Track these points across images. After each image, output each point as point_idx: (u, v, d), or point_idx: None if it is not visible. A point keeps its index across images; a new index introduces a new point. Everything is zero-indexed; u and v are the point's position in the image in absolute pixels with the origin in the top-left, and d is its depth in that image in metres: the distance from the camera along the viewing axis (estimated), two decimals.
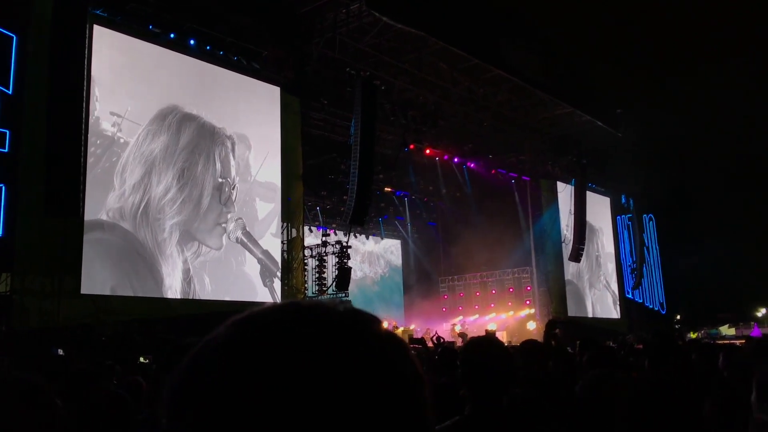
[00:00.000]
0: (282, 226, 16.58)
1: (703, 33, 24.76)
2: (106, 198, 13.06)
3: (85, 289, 12.36)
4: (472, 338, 2.83)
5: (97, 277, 12.67)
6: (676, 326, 28.43)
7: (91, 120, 12.77)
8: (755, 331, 23.27)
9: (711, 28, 24.11)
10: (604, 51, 23.89)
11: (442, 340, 13.73)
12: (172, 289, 13.96)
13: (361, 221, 16.99)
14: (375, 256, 26.49)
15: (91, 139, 12.79)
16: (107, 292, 12.78)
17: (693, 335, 23.56)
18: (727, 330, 26.47)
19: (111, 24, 13.54)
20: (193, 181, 14.62)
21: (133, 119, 13.81)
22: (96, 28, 12.91)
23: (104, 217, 12.96)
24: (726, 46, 25.36)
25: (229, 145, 15.55)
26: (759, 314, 29.14)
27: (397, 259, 27.55)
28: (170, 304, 13.67)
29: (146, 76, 14.22)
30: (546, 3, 22.00)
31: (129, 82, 13.89)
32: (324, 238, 19.11)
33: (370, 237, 25.74)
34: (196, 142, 14.84)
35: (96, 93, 12.88)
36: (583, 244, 23.83)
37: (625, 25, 24.77)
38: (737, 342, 11.47)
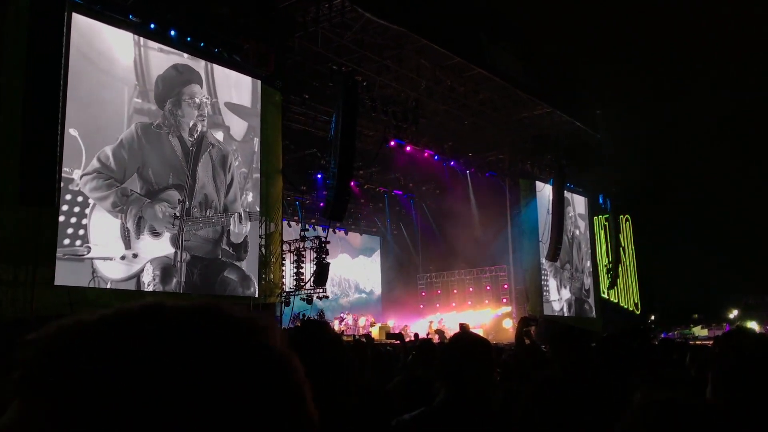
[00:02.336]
0: (260, 221, 16.51)
1: (682, 35, 25.06)
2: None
3: (59, 280, 12.23)
4: (457, 333, 2.86)
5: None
6: (651, 326, 28.77)
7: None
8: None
9: (691, 29, 24.40)
10: (585, 52, 24.09)
11: (419, 337, 13.78)
12: (147, 282, 13.84)
13: (340, 217, 16.98)
14: (346, 281, 26.27)
15: None
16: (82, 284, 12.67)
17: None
18: (699, 331, 26.86)
19: (90, 13, 13.38)
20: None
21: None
22: (74, 16, 12.76)
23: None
24: (705, 48, 25.67)
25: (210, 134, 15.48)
26: (731, 315, 29.61)
27: (367, 283, 27.38)
28: (145, 296, 13.50)
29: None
30: (528, 3, 22.13)
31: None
32: (302, 233, 19.08)
33: (343, 255, 25.72)
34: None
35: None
36: (561, 244, 24.02)
37: (606, 27, 25.00)
38: (708, 343, 11.65)
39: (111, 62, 13.80)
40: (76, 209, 12.76)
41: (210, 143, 15.51)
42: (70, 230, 12.63)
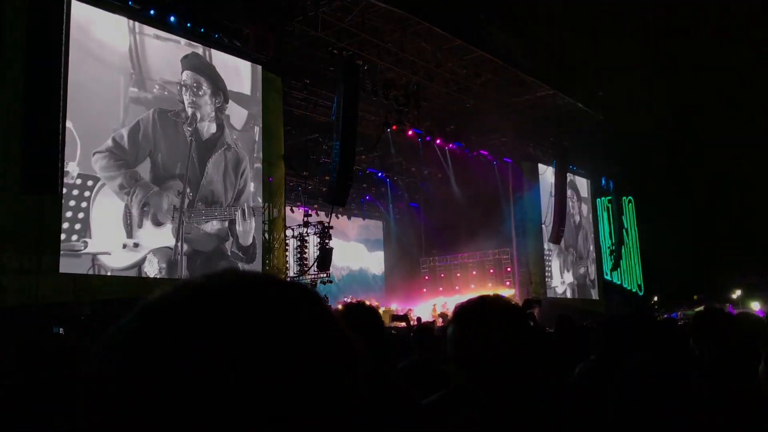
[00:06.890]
0: (263, 206, 16.52)
1: (686, 14, 24.88)
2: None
3: (63, 268, 12.26)
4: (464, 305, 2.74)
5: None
6: (654, 307, 28.83)
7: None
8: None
9: (694, 8, 24.18)
10: (586, 33, 23.91)
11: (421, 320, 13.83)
12: (149, 271, 13.86)
13: (343, 202, 16.99)
14: (349, 266, 26.32)
15: None
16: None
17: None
18: None
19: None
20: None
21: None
22: (74, 2, 12.68)
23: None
24: (709, 28, 25.49)
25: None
26: (734, 296, 29.61)
27: (370, 268, 27.44)
28: (149, 283, 13.58)
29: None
30: None
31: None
32: (305, 218, 19.10)
33: (346, 239, 25.72)
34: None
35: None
36: (564, 226, 24.00)
37: (608, 5, 24.79)
38: None
39: (106, 51, 13.68)
40: (72, 203, 12.67)
41: (226, 143, 15.59)
42: (66, 225, 12.56)
